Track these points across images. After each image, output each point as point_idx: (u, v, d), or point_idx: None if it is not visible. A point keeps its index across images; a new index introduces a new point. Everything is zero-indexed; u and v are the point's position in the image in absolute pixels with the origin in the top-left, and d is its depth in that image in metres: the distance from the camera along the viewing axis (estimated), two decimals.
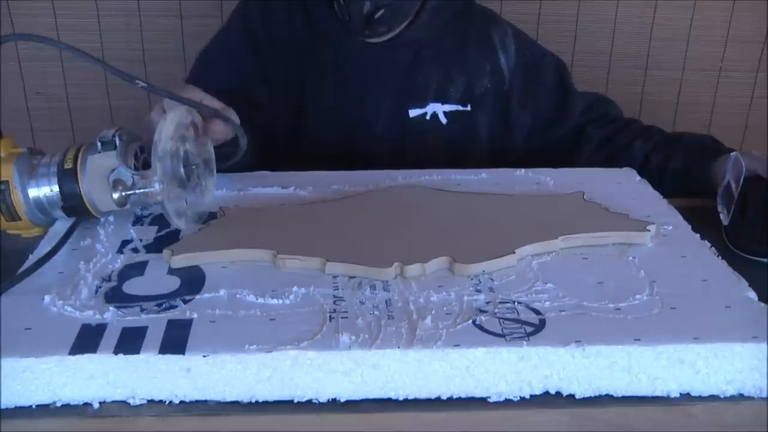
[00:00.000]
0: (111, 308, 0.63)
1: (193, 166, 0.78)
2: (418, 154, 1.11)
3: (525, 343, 0.59)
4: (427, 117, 1.13)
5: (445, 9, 1.12)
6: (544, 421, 0.59)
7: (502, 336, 0.60)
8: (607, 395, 0.60)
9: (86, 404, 0.59)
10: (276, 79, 1.11)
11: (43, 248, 0.74)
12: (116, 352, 0.57)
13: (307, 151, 1.11)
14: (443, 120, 1.13)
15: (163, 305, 0.64)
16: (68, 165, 0.76)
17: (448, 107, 1.13)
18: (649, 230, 0.77)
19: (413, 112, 1.12)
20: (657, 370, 0.59)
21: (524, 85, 1.16)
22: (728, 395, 0.60)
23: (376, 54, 1.11)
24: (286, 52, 1.12)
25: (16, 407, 0.58)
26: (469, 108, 1.13)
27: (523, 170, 0.95)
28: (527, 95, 1.16)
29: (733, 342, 0.59)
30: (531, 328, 0.61)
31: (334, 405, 0.59)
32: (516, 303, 0.65)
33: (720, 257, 0.73)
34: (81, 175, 0.76)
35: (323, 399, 0.59)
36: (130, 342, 0.58)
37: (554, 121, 1.17)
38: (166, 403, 0.59)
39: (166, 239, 0.77)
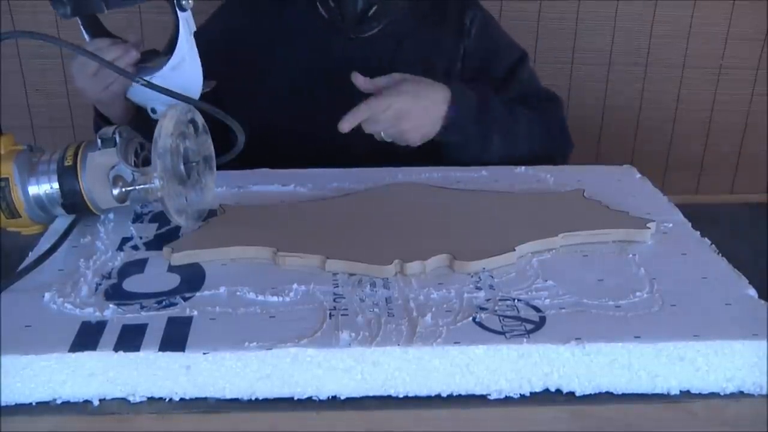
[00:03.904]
0: (111, 306, 0.63)
1: (194, 164, 0.78)
2: (402, 149, 1.11)
3: (525, 340, 0.59)
4: None
5: (423, 2, 1.13)
6: (544, 419, 0.59)
7: (502, 333, 0.60)
8: (607, 392, 0.60)
9: (86, 401, 0.58)
10: (237, 83, 1.10)
11: (43, 246, 0.74)
12: (116, 349, 0.57)
13: (292, 150, 1.10)
14: None
15: (163, 303, 0.64)
16: (68, 162, 0.76)
17: None
18: (649, 228, 0.76)
19: None
20: (657, 367, 0.59)
21: (473, 76, 1.15)
22: (728, 392, 0.60)
23: (358, 49, 1.11)
24: (252, 58, 1.13)
25: (16, 404, 0.58)
26: None
27: (523, 168, 0.96)
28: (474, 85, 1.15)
29: (733, 339, 0.59)
30: (531, 325, 0.61)
31: (334, 402, 0.59)
32: (516, 300, 0.65)
33: (720, 255, 0.73)
34: (81, 172, 0.75)
35: (323, 396, 0.59)
36: (130, 339, 0.58)
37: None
38: (166, 400, 0.59)
39: (166, 237, 0.77)
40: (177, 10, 0.83)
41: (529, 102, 1.15)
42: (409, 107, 0.97)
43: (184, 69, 0.85)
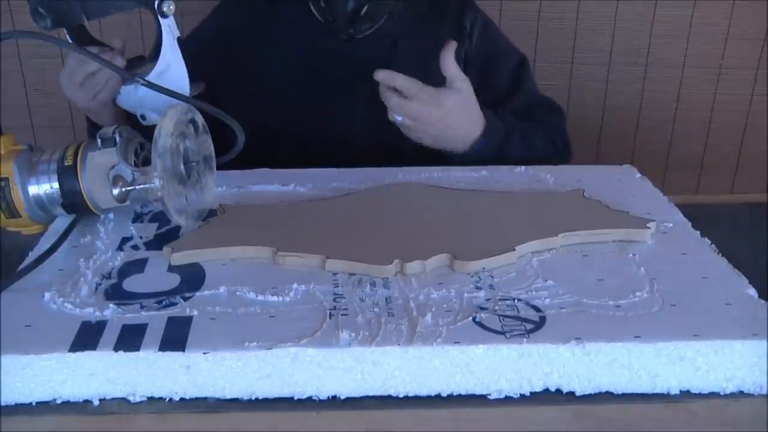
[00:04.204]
0: (111, 305, 0.63)
1: (194, 163, 0.78)
2: (400, 148, 1.11)
3: (525, 340, 0.59)
4: None
5: (418, 1, 1.13)
6: (545, 419, 0.59)
7: (502, 333, 0.60)
8: (607, 392, 0.60)
9: (86, 401, 0.58)
10: (233, 83, 1.11)
11: (43, 245, 0.74)
12: (116, 349, 0.57)
13: (288, 150, 1.10)
14: None
15: (163, 302, 0.64)
16: (68, 162, 0.76)
17: None
18: (649, 227, 0.76)
19: None
20: (657, 367, 0.59)
21: (475, 80, 1.15)
22: (728, 392, 0.60)
23: (351, 50, 1.11)
24: (249, 59, 1.14)
25: (16, 404, 0.58)
26: None
27: (523, 168, 0.95)
28: (477, 91, 1.16)
29: (734, 339, 0.59)
30: (531, 325, 0.61)
31: (334, 402, 0.59)
32: (516, 300, 0.65)
33: (720, 254, 0.73)
34: (81, 172, 0.75)
35: (323, 396, 0.59)
36: (130, 339, 0.58)
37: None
38: (166, 400, 0.59)
39: (166, 236, 0.77)
40: (159, 16, 0.84)
41: (534, 114, 1.16)
42: (434, 122, 0.97)
43: (170, 75, 0.86)
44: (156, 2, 0.83)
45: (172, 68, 0.86)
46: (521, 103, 1.16)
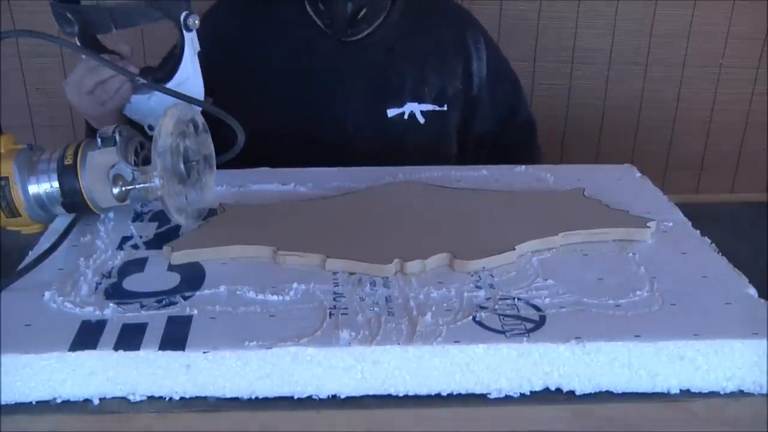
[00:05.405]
0: (111, 305, 0.63)
1: (194, 162, 0.78)
2: (396, 154, 1.11)
3: (525, 339, 0.59)
4: (405, 117, 1.13)
5: (415, 9, 1.14)
6: (545, 418, 0.59)
7: (502, 332, 0.60)
8: (607, 391, 0.60)
9: (86, 400, 0.59)
10: (228, 83, 1.10)
11: (43, 245, 0.74)
12: (116, 348, 0.57)
13: (283, 150, 1.10)
14: (421, 120, 1.14)
15: (163, 302, 0.64)
16: (68, 161, 0.76)
17: (424, 107, 1.14)
18: (650, 227, 0.76)
19: (391, 112, 1.13)
20: (657, 366, 0.59)
21: (492, 97, 1.19)
22: (728, 391, 0.60)
23: (347, 53, 1.11)
24: (243, 60, 1.14)
25: (16, 403, 0.58)
26: (445, 108, 1.15)
27: (523, 167, 0.95)
28: (492, 106, 1.19)
29: (734, 338, 0.59)
30: (531, 324, 0.61)
31: (334, 401, 0.59)
32: (516, 299, 0.65)
33: (720, 254, 0.73)
34: (81, 171, 0.75)
35: (323, 395, 0.59)
36: (130, 338, 0.58)
37: (495, 136, 1.22)
38: (166, 399, 0.59)
39: (166, 236, 0.77)
40: (183, 30, 0.85)
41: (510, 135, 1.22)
42: None
43: (187, 88, 0.87)
44: (182, 16, 0.84)
45: (190, 80, 0.87)
46: (522, 119, 1.22)
